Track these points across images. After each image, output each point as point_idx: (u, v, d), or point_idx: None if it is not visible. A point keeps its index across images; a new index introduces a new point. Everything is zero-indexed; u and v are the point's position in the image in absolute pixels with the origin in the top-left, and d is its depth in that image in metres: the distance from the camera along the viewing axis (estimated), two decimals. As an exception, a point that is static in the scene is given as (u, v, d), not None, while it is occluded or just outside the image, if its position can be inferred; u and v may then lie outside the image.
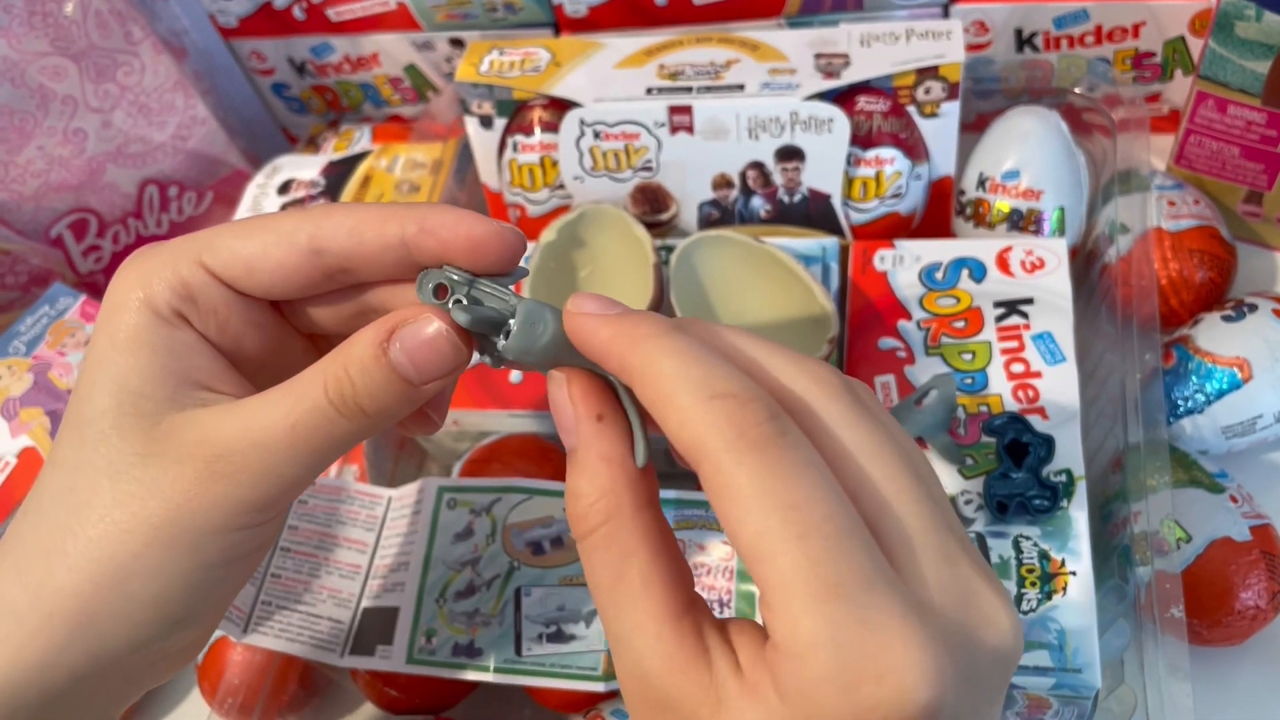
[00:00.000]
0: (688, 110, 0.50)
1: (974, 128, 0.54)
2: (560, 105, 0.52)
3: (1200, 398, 0.45)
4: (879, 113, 0.50)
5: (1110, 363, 0.45)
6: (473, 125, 0.54)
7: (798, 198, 0.52)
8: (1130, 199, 0.48)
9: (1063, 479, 0.40)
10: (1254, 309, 0.46)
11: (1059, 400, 0.42)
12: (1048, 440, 0.40)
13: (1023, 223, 0.50)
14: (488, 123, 0.54)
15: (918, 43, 0.50)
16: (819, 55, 0.51)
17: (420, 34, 0.62)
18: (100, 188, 0.60)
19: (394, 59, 0.64)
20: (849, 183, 0.51)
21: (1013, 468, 0.39)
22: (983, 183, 0.51)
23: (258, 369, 0.29)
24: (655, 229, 0.53)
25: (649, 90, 0.51)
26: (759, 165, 0.51)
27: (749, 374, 0.23)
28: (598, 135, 0.51)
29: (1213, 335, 0.46)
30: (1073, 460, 0.40)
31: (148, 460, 0.26)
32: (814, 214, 0.52)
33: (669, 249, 0.49)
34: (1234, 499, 0.42)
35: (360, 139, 0.66)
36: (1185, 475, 0.43)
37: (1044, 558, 0.38)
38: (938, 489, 0.24)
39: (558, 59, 0.53)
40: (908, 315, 0.46)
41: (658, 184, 0.52)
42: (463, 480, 0.45)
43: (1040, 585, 0.38)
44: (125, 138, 0.59)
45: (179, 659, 0.29)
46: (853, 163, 0.50)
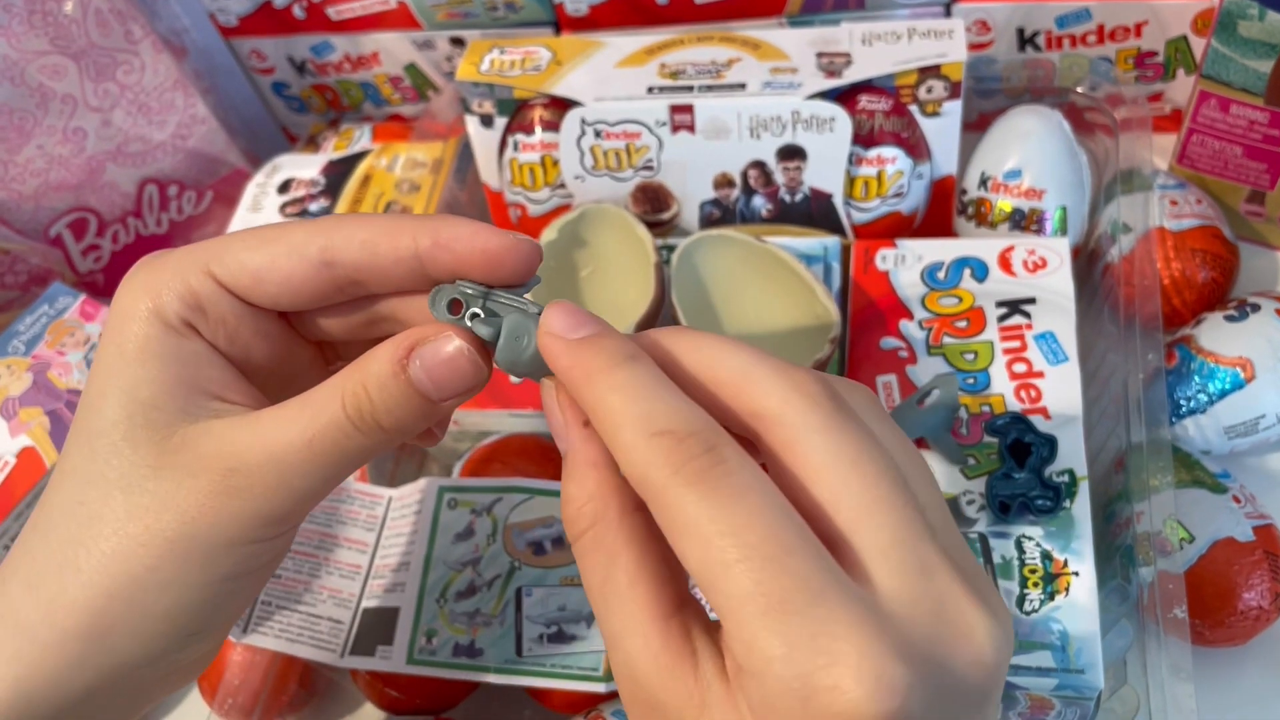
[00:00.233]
0: (689, 109, 0.50)
1: (976, 127, 0.54)
2: (561, 104, 0.51)
3: (1203, 398, 0.45)
4: (881, 112, 0.49)
5: (1113, 363, 0.45)
6: (473, 124, 0.54)
7: (799, 197, 0.51)
8: (1132, 198, 0.48)
9: (1065, 479, 0.40)
10: (1256, 309, 0.46)
11: (1061, 400, 0.42)
12: (1050, 440, 0.40)
13: (1025, 222, 0.49)
14: (488, 122, 0.54)
15: (920, 42, 0.50)
16: (821, 54, 0.51)
17: (421, 33, 0.62)
18: (100, 187, 0.60)
19: (394, 58, 0.64)
20: (851, 182, 0.51)
21: (1015, 468, 0.39)
22: (985, 182, 0.50)
23: (266, 378, 0.29)
24: (656, 228, 0.53)
25: (650, 89, 0.50)
26: (760, 164, 0.51)
27: (727, 387, 0.23)
28: (599, 134, 0.51)
29: (1215, 335, 0.46)
30: (1075, 460, 0.40)
31: (161, 472, 0.26)
32: (815, 213, 0.52)
33: (670, 248, 0.49)
34: (1237, 499, 0.42)
35: (360, 138, 0.66)
36: (1188, 475, 0.43)
37: (1046, 558, 0.38)
38: (930, 493, 0.24)
39: (559, 58, 0.53)
40: (909, 315, 0.46)
41: (659, 183, 0.52)
42: (464, 480, 0.44)
43: (1043, 586, 0.38)
44: (125, 137, 0.59)
45: (191, 670, 0.29)
46: (854, 162, 0.50)
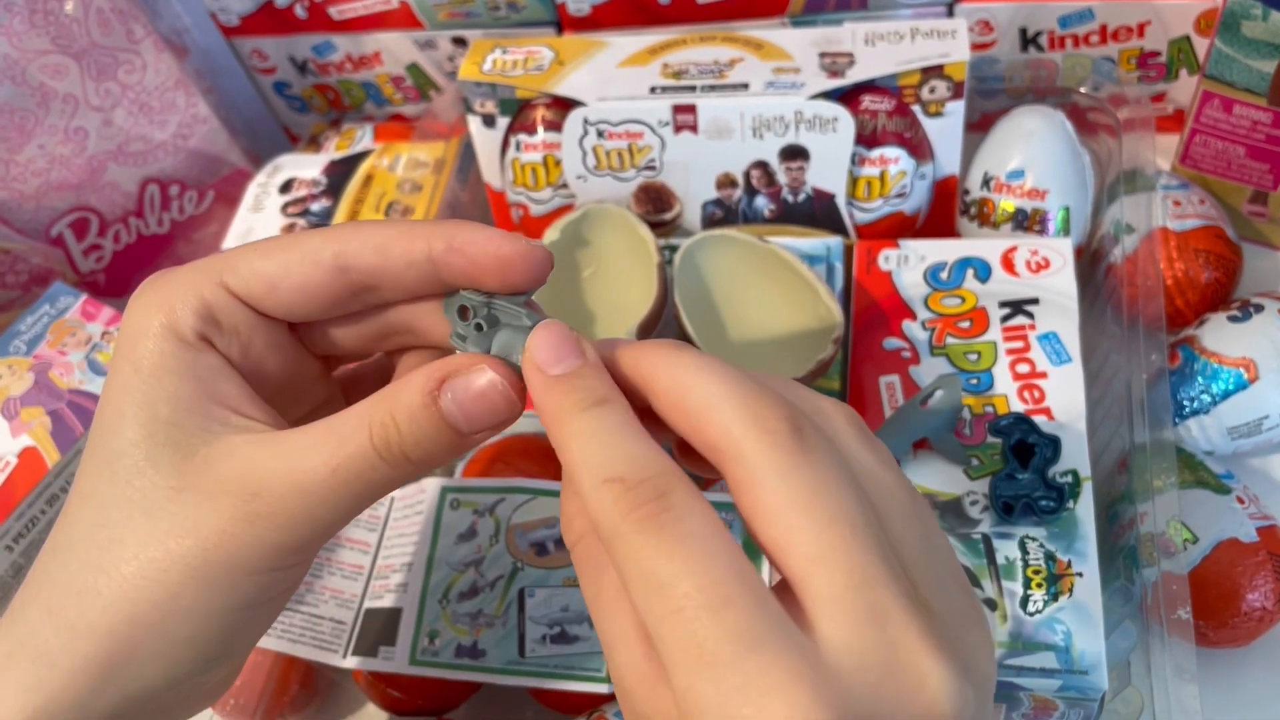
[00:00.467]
0: (691, 109, 0.49)
1: (978, 127, 0.54)
2: (563, 104, 0.51)
3: (1206, 398, 0.45)
4: (884, 112, 0.49)
5: (1116, 363, 0.45)
6: (475, 124, 0.54)
7: (802, 197, 0.51)
8: (1135, 199, 0.48)
9: (1069, 480, 0.40)
10: (1260, 309, 0.46)
11: (1065, 401, 0.42)
12: (1054, 441, 0.39)
13: (1027, 222, 0.49)
14: (490, 122, 0.54)
15: (922, 42, 0.50)
16: (823, 54, 0.50)
17: (422, 32, 0.62)
18: (101, 186, 0.59)
19: (396, 58, 0.64)
20: (853, 182, 0.51)
21: (1019, 469, 0.39)
22: (987, 182, 0.50)
23: (275, 392, 0.28)
24: (659, 228, 0.53)
25: (652, 89, 0.50)
26: (763, 164, 0.51)
27: (691, 418, 0.23)
28: (601, 134, 0.51)
29: (1218, 336, 0.46)
30: (1079, 461, 0.40)
31: (182, 494, 0.25)
32: (818, 213, 0.52)
33: (673, 248, 0.49)
34: (1240, 500, 0.42)
35: (362, 138, 0.66)
36: (1191, 476, 0.43)
37: (1050, 559, 0.38)
38: (907, 526, 0.23)
39: (561, 58, 0.53)
40: (912, 315, 0.46)
41: (661, 183, 0.52)
42: (466, 480, 0.44)
43: (1046, 586, 0.38)
44: (126, 136, 0.59)
45: (214, 692, 0.28)
46: (857, 162, 0.50)
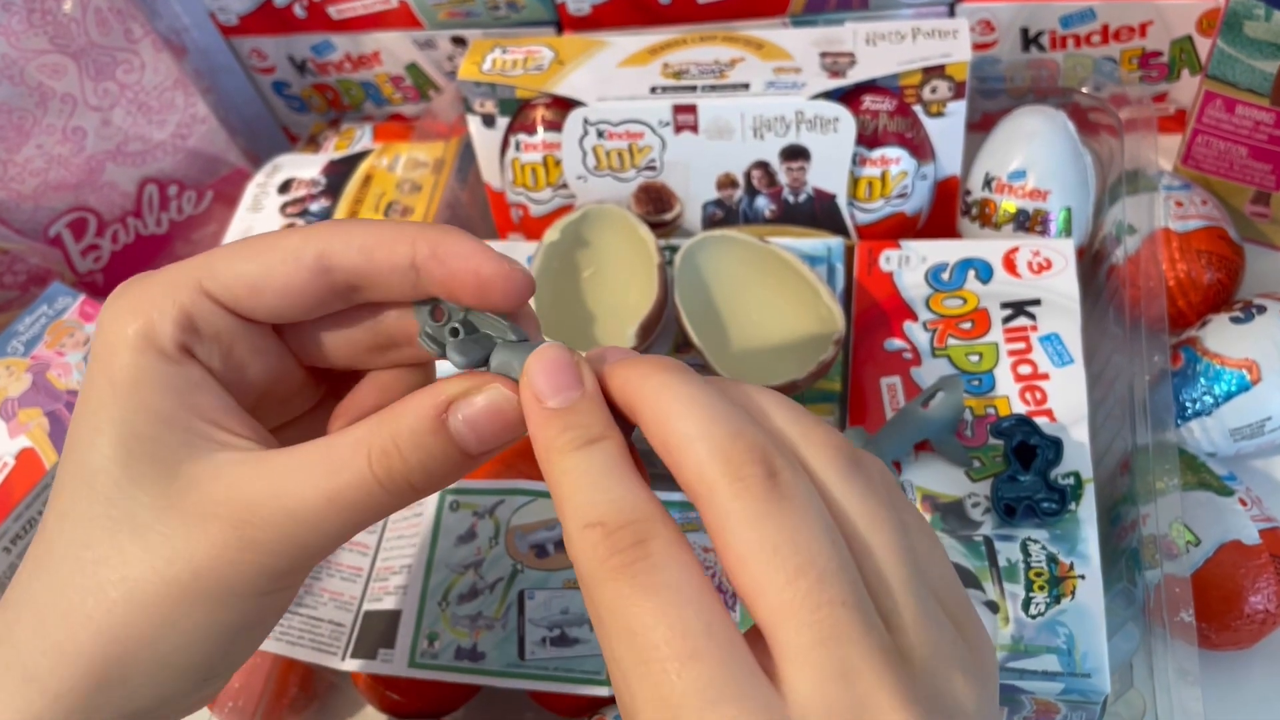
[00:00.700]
0: (692, 109, 0.49)
1: (980, 127, 0.54)
2: (563, 104, 0.51)
3: (1209, 400, 0.45)
4: (885, 112, 0.49)
5: (1118, 364, 0.45)
6: (475, 124, 0.54)
7: (803, 197, 0.51)
8: (1137, 199, 0.48)
9: (1071, 482, 0.40)
10: (1262, 310, 0.46)
11: (1066, 402, 0.42)
12: (1056, 443, 0.39)
13: (1029, 223, 0.49)
14: (490, 121, 0.54)
15: (924, 42, 0.49)
16: (824, 54, 0.50)
17: (422, 32, 0.62)
18: (99, 186, 0.59)
19: (395, 57, 0.64)
20: (854, 182, 0.51)
21: (1020, 470, 0.39)
22: (989, 183, 0.50)
23: (258, 401, 0.28)
24: (659, 229, 0.53)
25: (653, 89, 0.50)
26: (764, 165, 0.51)
27: (670, 454, 0.22)
28: (601, 134, 0.51)
29: (1221, 337, 0.45)
30: (1081, 463, 0.40)
31: (168, 514, 0.24)
32: (819, 214, 0.51)
33: (673, 249, 0.49)
34: (1243, 502, 0.42)
35: (361, 138, 0.65)
36: (1194, 478, 0.43)
37: (1052, 561, 0.38)
38: (895, 569, 0.22)
39: (561, 57, 0.53)
40: (914, 316, 0.46)
41: (661, 183, 0.52)
42: (466, 482, 0.44)
43: (1049, 589, 0.38)
44: (125, 136, 0.59)
45: (200, 704, 0.28)
46: (858, 162, 0.50)
